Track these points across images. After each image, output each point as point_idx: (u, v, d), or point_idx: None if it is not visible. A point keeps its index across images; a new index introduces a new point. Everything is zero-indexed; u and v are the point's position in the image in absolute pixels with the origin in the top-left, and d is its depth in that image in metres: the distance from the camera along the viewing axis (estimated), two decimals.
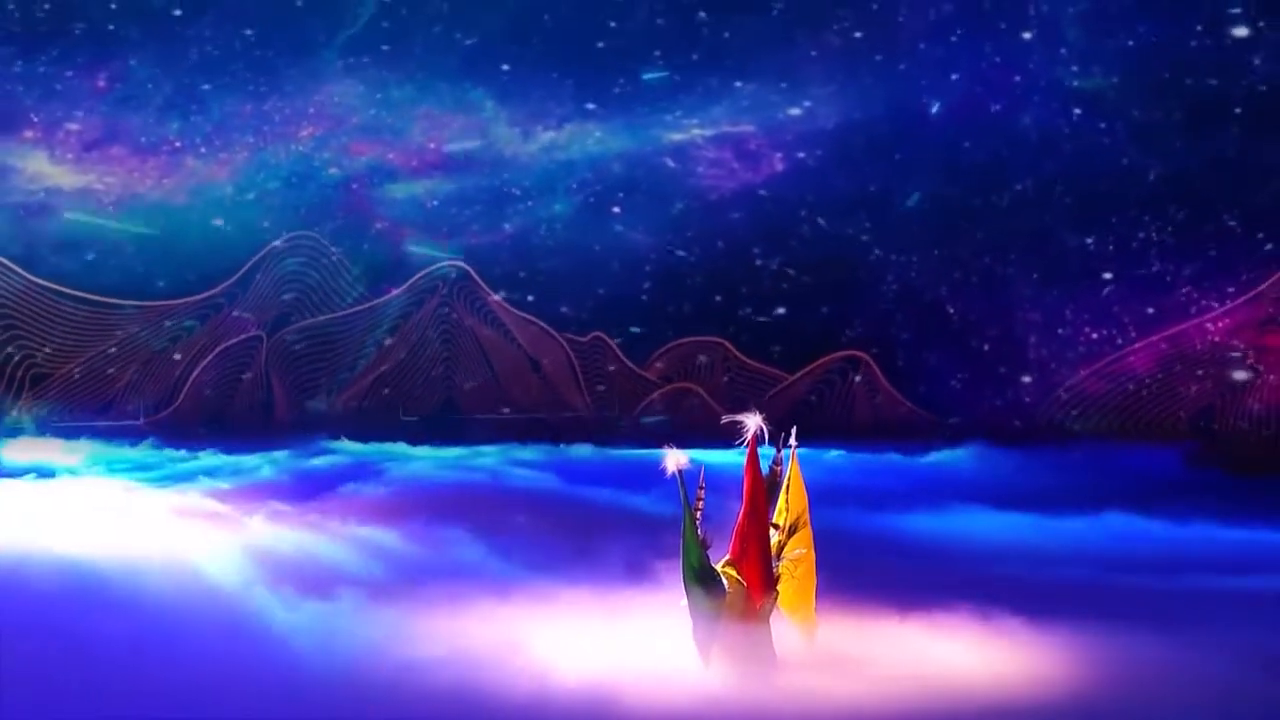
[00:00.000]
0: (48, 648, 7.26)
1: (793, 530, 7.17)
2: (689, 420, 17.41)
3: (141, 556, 9.26)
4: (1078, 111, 16.76)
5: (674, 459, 6.86)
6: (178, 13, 17.33)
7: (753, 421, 6.97)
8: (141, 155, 17.75)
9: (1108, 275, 16.87)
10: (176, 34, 17.49)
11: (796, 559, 7.15)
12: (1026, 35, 16.57)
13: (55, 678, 6.91)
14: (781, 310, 17.78)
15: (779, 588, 7.10)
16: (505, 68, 17.77)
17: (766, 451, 7.22)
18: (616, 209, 18.21)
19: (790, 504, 7.23)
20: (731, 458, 7.34)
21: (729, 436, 14.70)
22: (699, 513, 7.02)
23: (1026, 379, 17.06)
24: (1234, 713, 6.93)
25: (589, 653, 7.23)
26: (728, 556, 7.05)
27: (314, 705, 6.77)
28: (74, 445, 15.78)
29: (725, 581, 7.02)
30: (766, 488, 7.14)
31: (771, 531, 7.23)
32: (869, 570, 9.11)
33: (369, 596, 8.47)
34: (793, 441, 7.24)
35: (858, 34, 16.93)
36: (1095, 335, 16.98)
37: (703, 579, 6.94)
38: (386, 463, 15.44)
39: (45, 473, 13.85)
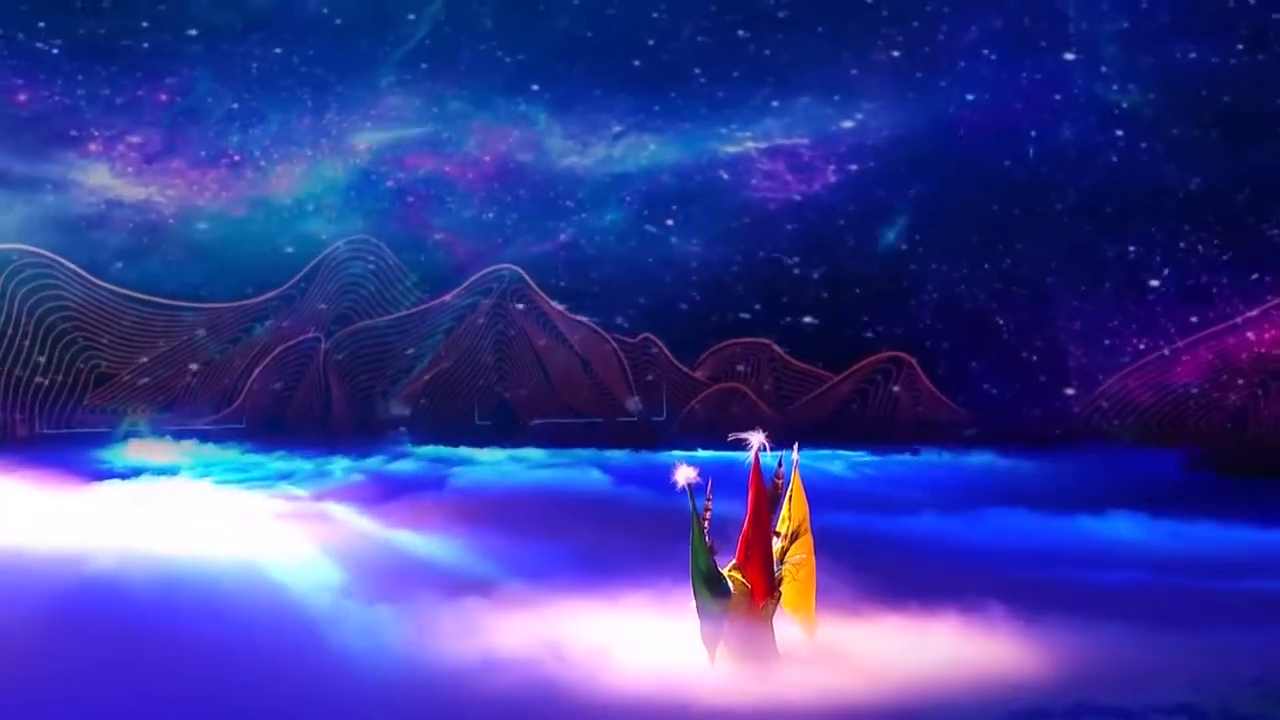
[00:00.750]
0: (161, 644, 8.06)
1: (794, 537, 8.06)
2: (735, 420, 18.40)
3: (239, 555, 10.23)
4: (1118, 131, 17.81)
5: (684, 474, 7.71)
6: (239, 30, 18.25)
7: (756, 439, 7.88)
8: (201, 168, 18.72)
9: (1148, 284, 17.94)
10: (237, 51, 18.43)
11: (798, 563, 8.03)
12: (1068, 55, 17.64)
13: (167, 668, 7.74)
14: (827, 315, 18.78)
15: (781, 590, 7.98)
16: (557, 83, 18.68)
17: (781, 456, 8.25)
18: (670, 221, 19.24)
19: (792, 513, 8.14)
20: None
21: (771, 436, 15.86)
22: (707, 521, 8.03)
23: (1067, 387, 18.07)
24: None
25: (635, 651, 8.00)
26: (734, 561, 7.92)
27: (409, 698, 7.53)
28: (173, 446, 17.08)
29: (731, 584, 7.90)
30: (769, 499, 8.17)
31: (775, 539, 8.29)
32: (890, 570, 9.94)
33: (452, 595, 9.26)
34: (795, 456, 8.22)
35: (902, 51, 17.93)
36: (1136, 344, 18.02)
37: (710, 582, 7.83)
38: (451, 465, 16.51)
39: (157, 472, 15.01)
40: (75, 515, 11.77)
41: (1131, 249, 18.31)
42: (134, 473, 15.09)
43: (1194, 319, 18.20)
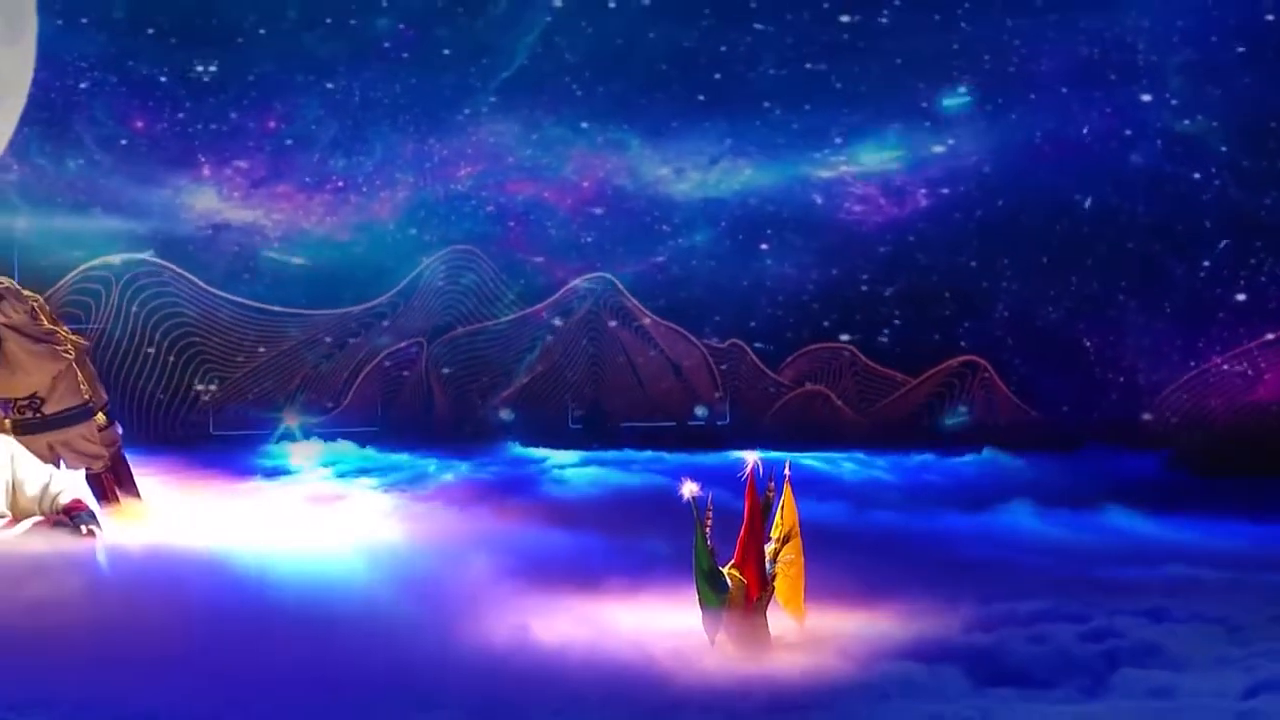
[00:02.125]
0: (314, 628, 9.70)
1: (785, 540, 10.32)
2: (819, 421, 20.88)
3: (369, 548, 12.20)
4: (1187, 159, 19.87)
5: (688, 487, 9.94)
6: (343, 61, 20.40)
7: (751, 458, 10.26)
8: (307, 193, 20.72)
9: (1219, 301, 19.97)
10: (341, 80, 20.49)
11: (788, 562, 10.30)
12: (1138, 86, 19.82)
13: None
14: (908, 328, 20.99)
15: (773, 585, 10.23)
16: (652, 111, 20.70)
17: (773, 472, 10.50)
18: (764, 244, 21.17)
19: (784, 520, 10.37)
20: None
21: (852, 438, 18.15)
22: (708, 528, 10.17)
23: (1136, 400, 20.19)
24: None
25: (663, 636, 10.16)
26: (732, 561, 10.16)
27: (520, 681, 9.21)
28: (293, 447, 19.52)
29: (729, 581, 10.11)
30: (762, 508, 10.40)
31: (769, 542, 10.63)
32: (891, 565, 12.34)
33: (552, 591, 11.18)
34: (787, 471, 10.62)
35: (975, 83, 20.24)
36: (1208, 360, 20.10)
37: (711, 579, 10.02)
38: (545, 466, 18.89)
39: (282, 472, 17.64)
40: (217, 513, 13.71)
41: (1206, 263, 20.10)
42: (262, 472, 17.52)
43: (1270, 336, 20.01)
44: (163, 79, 20.03)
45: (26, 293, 12.91)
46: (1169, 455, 19.59)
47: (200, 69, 20.08)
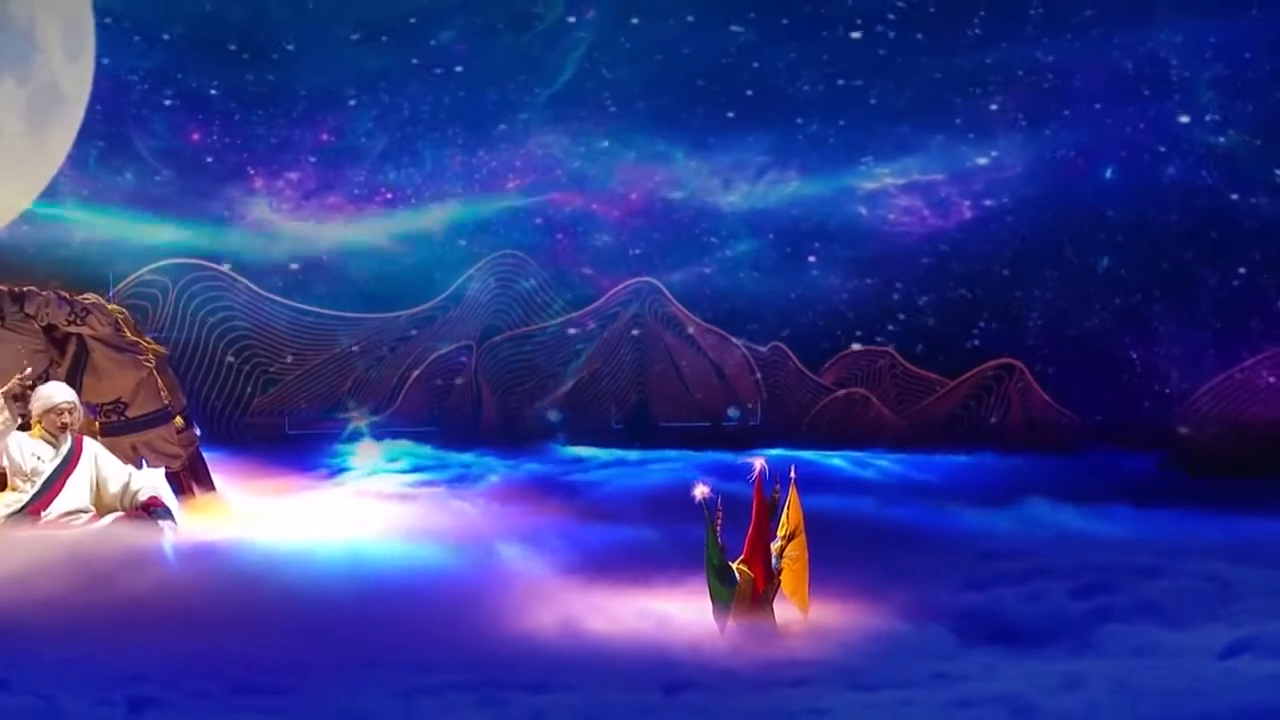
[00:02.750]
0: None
1: (790, 537, 11.74)
2: (859, 422, 22.45)
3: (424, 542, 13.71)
4: (1220, 172, 21.23)
5: (699, 490, 11.38)
6: (393, 74, 21.61)
7: (759, 463, 11.71)
8: (357, 204, 21.92)
9: (1252, 310, 21.43)
10: (391, 93, 21.71)
11: (793, 558, 11.71)
12: (1170, 101, 21.26)
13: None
14: (947, 335, 22.52)
15: (779, 579, 11.64)
16: (700, 123, 22.00)
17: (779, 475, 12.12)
18: (810, 255, 22.49)
19: (789, 519, 11.78)
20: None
21: (891, 439, 20.08)
22: (719, 525, 11.55)
23: (1171, 408, 21.57)
24: None
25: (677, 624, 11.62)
26: (741, 557, 11.57)
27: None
28: (373, 445, 20.91)
29: (738, 575, 11.56)
30: (768, 508, 11.88)
31: (775, 539, 12.23)
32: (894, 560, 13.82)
33: (583, 581, 12.64)
34: (792, 474, 12.19)
35: (1008, 98, 21.74)
36: (1240, 366, 21.52)
37: (721, 573, 11.48)
38: (591, 465, 20.33)
39: (344, 471, 19.07)
40: (286, 508, 15.47)
41: (1241, 270, 21.49)
42: (330, 469, 19.12)
43: None
44: (217, 93, 21.31)
45: (111, 306, 14.73)
46: (1198, 456, 20.99)
47: (253, 82, 21.38)
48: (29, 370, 13.36)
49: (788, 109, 22.12)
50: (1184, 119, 21.55)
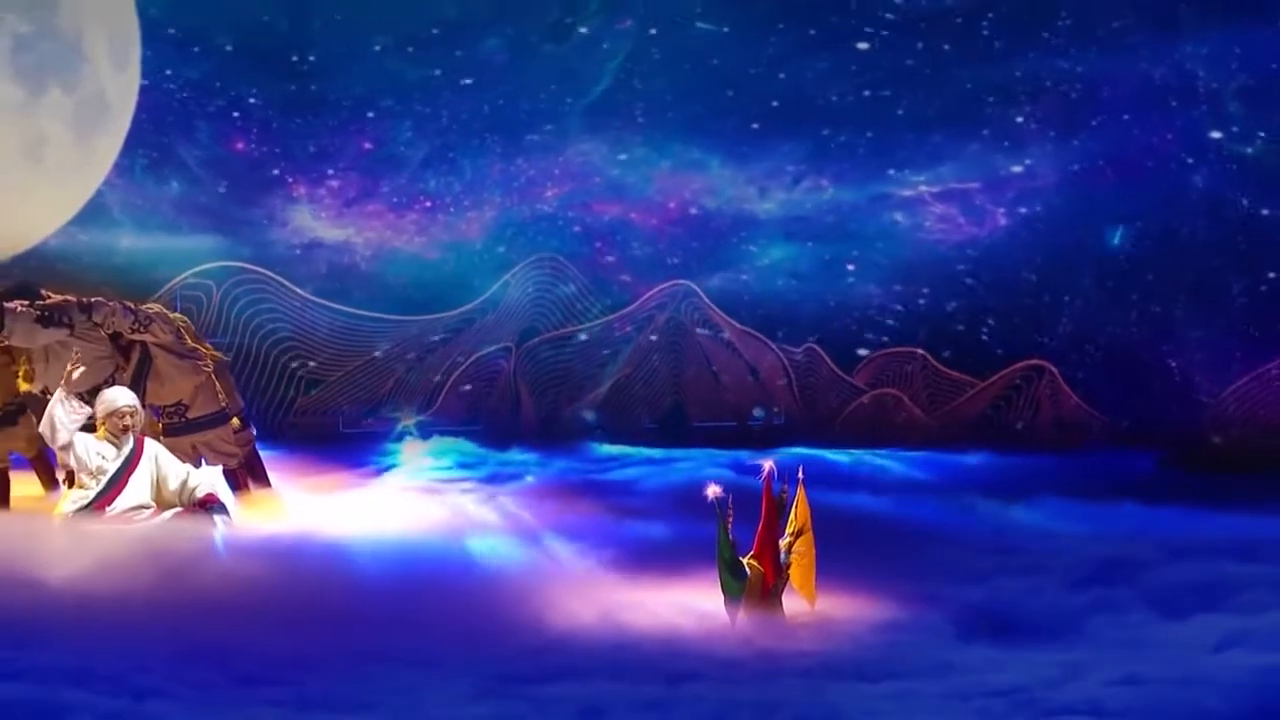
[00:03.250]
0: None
1: (798, 534, 13.25)
2: (891, 421, 23.80)
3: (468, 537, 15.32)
4: (1247, 181, 22.55)
5: (712, 490, 12.87)
6: (433, 83, 22.60)
7: (767, 464, 13.22)
8: (397, 212, 22.87)
9: (1273, 317, 22.71)
10: (431, 102, 22.65)
11: (801, 553, 13.24)
12: (1198, 111, 22.52)
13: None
14: (980, 339, 23.83)
15: (788, 573, 13.11)
16: (736, 133, 23.08)
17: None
18: (847, 263, 23.62)
19: (797, 516, 13.25)
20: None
21: (922, 438, 22.59)
22: (730, 522, 12.92)
23: (1197, 413, 22.89)
24: None
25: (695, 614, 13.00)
26: (751, 552, 13.02)
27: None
28: (418, 444, 22.21)
29: (748, 569, 13.03)
30: (777, 507, 13.25)
31: (784, 535, 13.32)
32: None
33: (611, 574, 14.21)
34: (800, 475, 13.38)
35: (1036, 109, 23.04)
36: (1267, 371, 22.96)
37: (732, 567, 12.95)
38: (626, 464, 21.59)
39: (409, 469, 20.43)
40: (337, 502, 17.07)
41: (1270, 275, 22.82)
42: (378, 466, 20.54)
43: None
44: (260, 102, 22.28)
45: (172, 315, 16.29)
46: (1228, 456, 22.28)
47: (295, 91, 22.40)
48: (78, 354, 14.91)
49: (819, 118, 23.28)
50: (1211, 128, 22.80)
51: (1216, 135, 22.86)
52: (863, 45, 23.15)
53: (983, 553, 15.87)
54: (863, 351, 23.97)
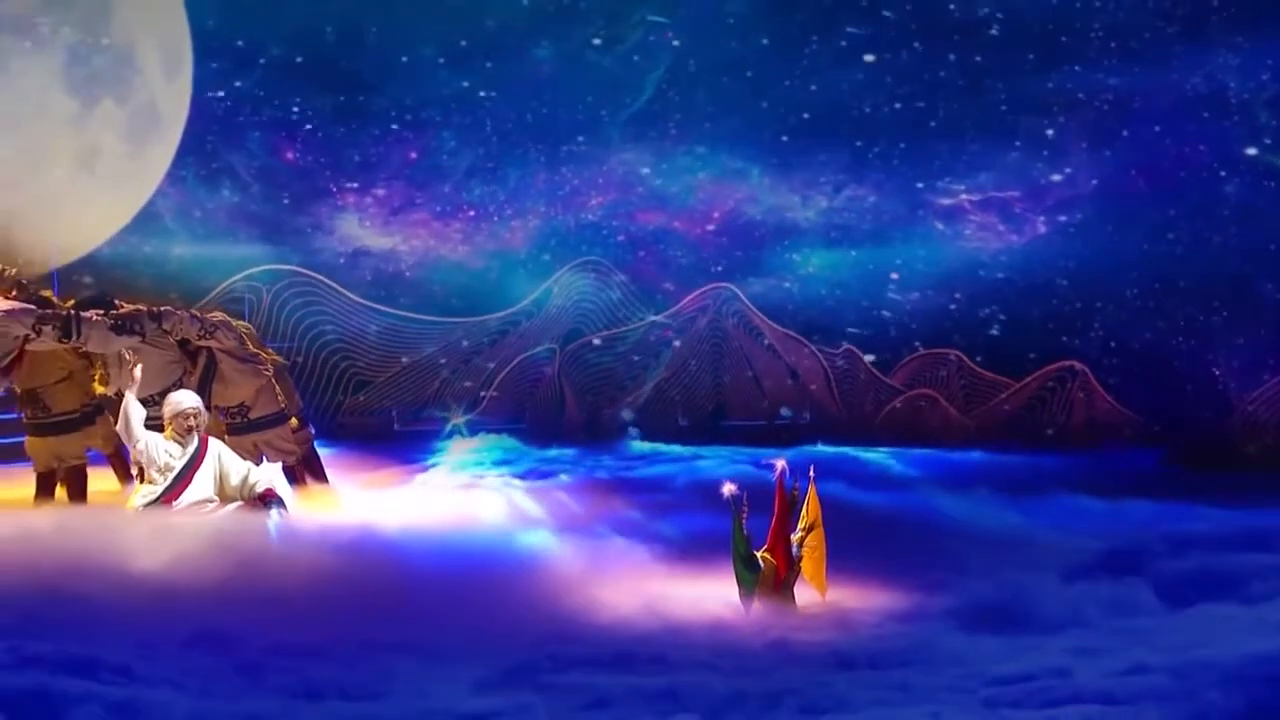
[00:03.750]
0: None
1: (810, 529, 14.68)
2: (927, 421, 25.22)
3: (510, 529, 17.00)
4: (1273, 188, 24.02)
5: (728, 487, 14.32)
6: (478, 93, 23.86)
7: (780, 464, 14.67)
8: (443, 220, 24.13)
9: None
10: (476, 112, 23.86)
11: (812, 547, 14.68)
12: (1228, 123, 23.90)
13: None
14: (1015, 342, 25.21)
15: (800, 565, 14.49)
16: (778, 144, 24.47)
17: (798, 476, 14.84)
18: (892, 273, 24.91)
19: (809, 512, 14.67)
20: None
21: (959, 437, 24.14)
22: (744, 518, 14.29)
23: (1227, 415, 24.26)
24: None
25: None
26: (765, 546, 14.39)
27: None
28: (466, 441, 23.62)
29: (762, 562, 14.40)
30: (789, 503, 14.66)
31: (796, 530, 14.68)
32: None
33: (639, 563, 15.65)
34: (811, 474, 14.78)
35: (1070, 120, 24.42)
36: None
37: (746, 561, 14.28)
38: (666, 462, 22.89)
39: (457, 466, 21.92)
40: (388, 496, 18.88)
41: None
42: (428, 462, 22.11)
43: None
44: (309, 112, 23.62)
45: (236, 323, 18.02)
46: (1259, 458, 23.73)
47: (344, 102, 23.69)
48: (135, 355, 16.71)
49: (854, 129, 24.73)
50: (1242, 138, 24.18)
51: (1249, 148, 24.30)
52: (895, 57, 24.71)
53: (999, 547, 17.18)
54: (899, 354, 25.46)
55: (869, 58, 24.54)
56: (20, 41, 22.27)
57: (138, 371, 16.39)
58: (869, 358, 25.23)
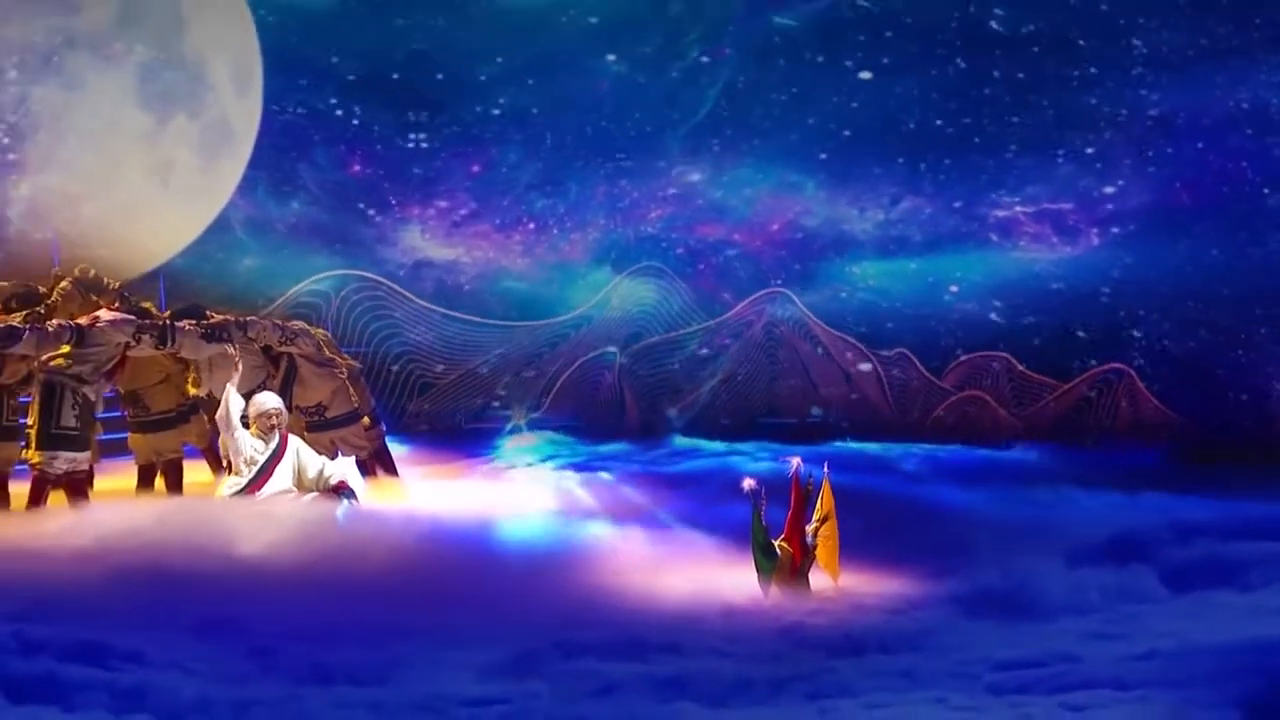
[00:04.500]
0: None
1: (824, 520, 16.79)
2: (976, 421, 27.23)
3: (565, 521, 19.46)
4: None
5: (748, 482, 16.60)
6: (540, 107, 25.79)
7: (795, 461, 16.91)
8: (505, 232, 26.04)
9: None
10: (537, 126, 25.69)
11: (826, 537, 16.80)
12: (1272, 139, 25.83)
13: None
14: (1060, 349, 27.28)
15: (814, 554, 16.59)
16: (834, 157, 26.33)
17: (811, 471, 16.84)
18: (951, 284, 26.81)
19: (823, 505, 16.79)
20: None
21: (1007, 437, 26.55)
22: (763, 509, 16.48)
23: (1271, 423, 25.97)
24: None
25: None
26: (782, 535, 16.54)
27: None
28: (529, 438, 25.89)
29: (779, 551, 16.55)
30: (804, 497, 16.82)
31: (811, 521, 16.82)
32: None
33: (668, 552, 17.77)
34: (825, 470, 16.98)
35: (1115, 135, 26.34)
36: None
37: (765, 549, 16.42)
38: (702, 455, 25.17)
39: (520, 461, 24.41)
40: (453, 488, 21.40)
41: None
42: (492, 458, 24.60)
43: None
44: (376, 126, 25.60)
45: (314, 330, 20.72)
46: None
47: (409, 116, 25.72)
48: (239, 358, 19.63)
49: (903, 144, 26.72)
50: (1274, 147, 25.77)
51: None
52: (942, 73, 26.72)
53: (1013, 537, 18.93)
54: (953, 356, 27.54)
55: (914, 74, 26.45)
56: (96, 59, 24.01)
57: (241, 367, 19.29)
58: (921, 362, 27.44)
